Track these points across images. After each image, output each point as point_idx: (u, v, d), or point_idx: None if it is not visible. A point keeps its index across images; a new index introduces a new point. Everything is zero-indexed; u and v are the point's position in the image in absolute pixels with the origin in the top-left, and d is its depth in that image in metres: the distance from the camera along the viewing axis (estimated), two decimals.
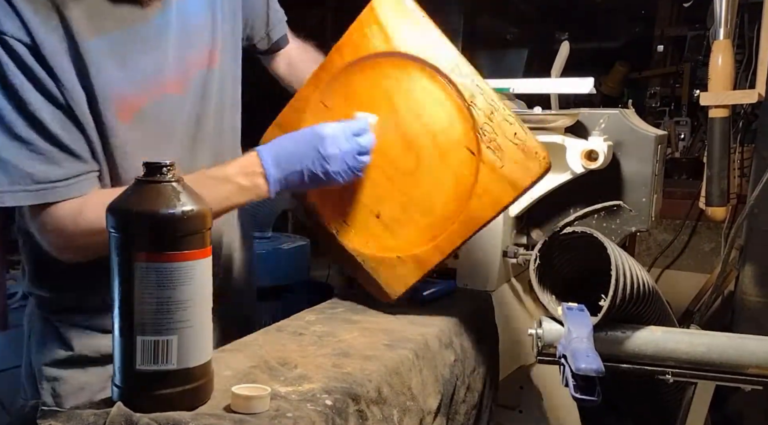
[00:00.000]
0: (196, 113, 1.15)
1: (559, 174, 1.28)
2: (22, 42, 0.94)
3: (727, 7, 1.50)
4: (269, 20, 1.33)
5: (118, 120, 1.03)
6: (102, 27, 1.00)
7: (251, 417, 0.75)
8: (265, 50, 1.36)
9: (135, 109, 1.06)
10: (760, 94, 1.52)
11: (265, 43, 1.35)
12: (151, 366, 0.73)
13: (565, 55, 1.49)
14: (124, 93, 1.04)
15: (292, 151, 1.07)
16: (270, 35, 1.34)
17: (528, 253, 1.30)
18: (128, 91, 1.04)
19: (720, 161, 1.51)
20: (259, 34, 1.33)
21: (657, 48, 4.09)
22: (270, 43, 1.35)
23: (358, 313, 1.18)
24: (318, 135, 1.07)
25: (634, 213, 1.31)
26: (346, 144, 1.08)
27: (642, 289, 1.09)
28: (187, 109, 1.13)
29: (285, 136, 1.10)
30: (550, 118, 1.28)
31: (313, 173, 1.06)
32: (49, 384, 1.15)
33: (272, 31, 1.34)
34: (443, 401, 1.06)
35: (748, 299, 1.92)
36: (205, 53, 1.15)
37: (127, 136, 1.05)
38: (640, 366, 1.10)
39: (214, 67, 1.17)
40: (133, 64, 1.04)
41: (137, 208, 0.73)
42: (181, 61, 1.11)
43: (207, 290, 0.76)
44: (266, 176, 1.05)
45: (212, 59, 1.17)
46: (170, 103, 1.10)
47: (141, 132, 1.07)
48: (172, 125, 1.11)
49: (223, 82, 1.20)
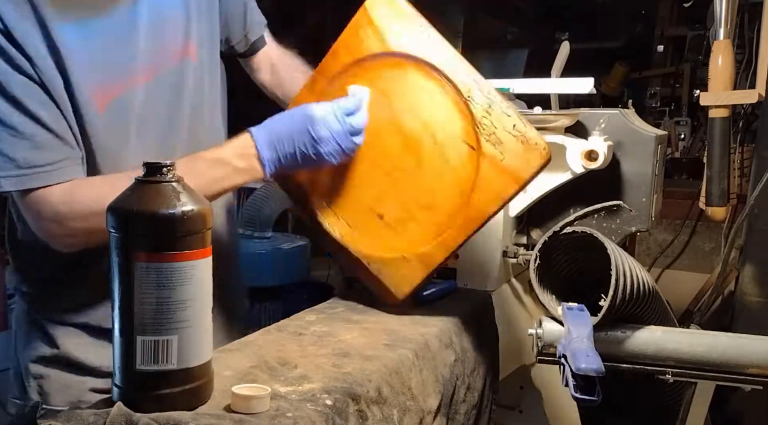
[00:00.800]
0: (169, 105, 1.15)
1: (559, 174, 1.28)
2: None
3: (727, 7, 1.50)
4: (246, 22, 1.33)
5: (94, 109, 1.04)
6: (73, 14, 1.01)
7: (251, 417, 0.75)
8: (243, 52, 1.36)
9: (109, 98, 1.06)
10: (760, 94, 1.52)
11: (242, 44, 1.34)
12: (151, 366, 0.73)
13: (565, 55, 1.49)
14: (97, 81, 1.04)
15: (284, 132, 1.07)
16: (248, 36, 1.34)
17: (528, 253, 1.30)
18: (102, 80, 1.05)
19: (720, 161, 1.51)
20: (236, 36, 1.32)
21: (657, 48, 4.09)
22: (248, 45, 1.35)
23: (358, 313, 1.18)
24: (308, 116, 1.07)
25: (634, 213, 1.31)
26: (337, 124, 1.07)
27: (642, 289, 1.09)
28: (161, 100, 1.13)
29: (277, 117, 1.09)
30: (550, 118, 1.28)
31: (305, 154, 1.06)
32: (35, 382, 1.15)
33: (249, 32, 1.34)
34: (443, 401, 1.06)
35: (748, 299, 1.93)
36: (180, 45, 1.15)
37: (102, 126, 1.05)
38: (640, 366, 1.10)
39: (189, 61, 1.17)
40: (106, 52, 1.05)
41: (137, 208, 0.73)
42: (153, 53, 1.11)
43: (207, 290, 0.76)
44: (260, 158, 1.05)
45: (187, 52, 1.17)
46: (143, 93, 1.10)
47: (115, 122, 1.07)
48: (145, 116, 1.11)
49: (200, 77, 1.20)
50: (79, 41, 1.01)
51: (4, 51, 0.96)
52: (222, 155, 1.05)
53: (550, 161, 1.06)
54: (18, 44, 0.96)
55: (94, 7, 1.04)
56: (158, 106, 1.13)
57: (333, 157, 1.07)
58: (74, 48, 1.01)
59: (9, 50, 0.96)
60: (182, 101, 1.17)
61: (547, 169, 1.30)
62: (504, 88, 1.44)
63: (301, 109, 1.09)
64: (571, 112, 1.33)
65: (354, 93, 1.12)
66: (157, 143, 1.13)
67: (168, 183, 0.75)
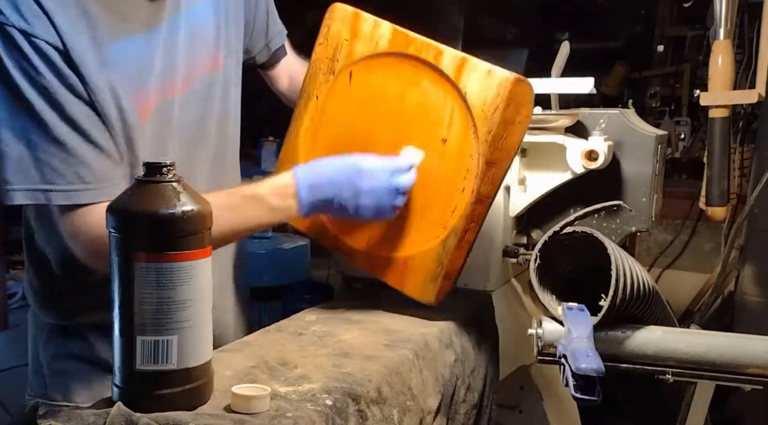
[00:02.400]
0: (200, 116, 1.15)
1: (559, 174, 1.28)
2: (52, 45, 0.94)
3: (727, 7, 1.50)
4: (269, 31, 1.33)
5: (138, 121, 1.04)
6: (124, 29, 1.01)
7: (251, 417, 0.75)
8: (264, 62, 1.36)
9: (150, 110, 1.06)
10: (760, 94, 1.52)
11: (264, 54, 1.35)
12: (151, 366, 0.73)
13: (565, 55, 1.49)
14: (142, 94, 1.04)
15: (327, 177, 1.06)
16: (269, 46, 1.34)
17: (528, 253, 1.29)
18: (146, 93, 1.05)
19: (720, 161, 1.51)
20: (258, 45, 1.33)
21: (657, 48, 4.08)
22: (269, 54, 1.35)
23: (358, 313, 1.18)
24: (356, 167, 1.06)
25: (634, 213, 1.31)
26: (383, 181, 1.06)
27: (642, 289, 1.09)
28: (192, 111, 1.14)
29: (324, 161, 1.09)
30: (550, 118, 1.28)
31: (342, 205, 1.06)
32: (57, 379, 1.14)
33: (272, 41, 1.34)
34: (443, 401, 1.06)
35: (748, 299, 1.93)
36: (210, 57, 1.16)
37: (144, 137, 1.06)
38: (640, 366, 1.10)
39: (218, 71, 1.18)
40: (150, 65, 1.05)
41: (137, 208, 0.73)
42: (189, 65, 1.11)
43: (207, 290, 0.76)
44: (298, 198, 1.04)
45: (217, 64, 1.17)
46: (177, 104, 1.11)
47: (155, 133, 1.08)
48: (177, 127, 1.12)
49: (227, 87, 1.20)
50: (126, 55, 1.01)
51: (60, 72, 0.95)
52: (260, 192, 1.04)
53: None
54: (74, 63, 0.96)
55: (142, 22, 1.03)
56: (191, 117, 1.13)
57: (369, 212, 1.07)
58: (122, 62, 1.01)
59: (65, 71, 0.96)
60: (212, 112, 1.17)
61: (547, 169, 1.31)
62: None
63: (351, 159, 1.08)
64: (571, 112, 1.33)
65: (407, 154, 1.11)
66: (188, 154, 1.14)
67: (168, 183, 0.75)
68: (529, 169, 1.33)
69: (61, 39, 0.95)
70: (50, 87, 0.95)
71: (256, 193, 1.04)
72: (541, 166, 1.31)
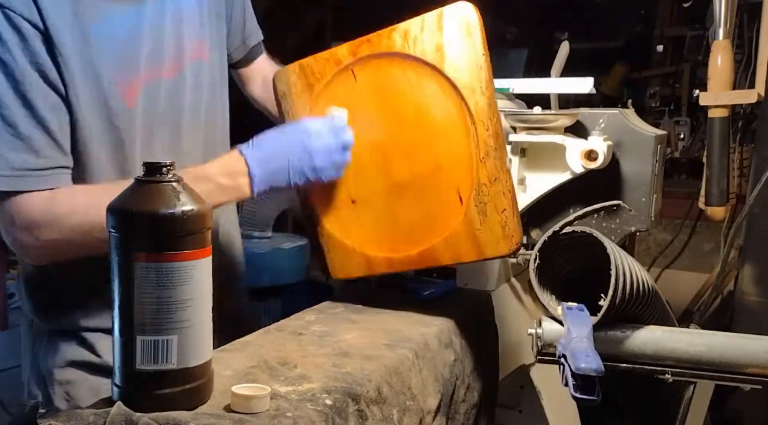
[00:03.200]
0: (189, 101, 1.15)
1: (559, 174, 1.28)
2: (30, 22, 0.94)
3: (726, 7, 1.50)
4: (245, 27, 1.33)
5: (124, 103, 1.03)
6: (109, 6, 1.01)
7: (251, 416, 0.75)
8: (239, 59, 1.36)
9: (137, 92, 1.06)
10: (759, 94, 1.52)
11: (241, 51, 1.34)
12: (151, 365, 0.73)
13: (565, 55, 1.49)
14: (129, 74, 1.04)
15: (277, 147, 1.06)
16: (246, 43, 1.34)
17: (528, 253, 1.29)
18: (131, 73, 1.04)
19: (719, 161, 1.51)
20: (235, 42, 1.32)
21: (657, 48, 4.08)
22: (246, 51, 1.35)
23: (358, 313, 1.18)
24: (304, 130, 1.07)
25: (633, 213, 1.31)
26: (331, 139, 1.07)
27: (642, 289, 1.09)
28: (182, 96, 1.13)
29: (268, 133, 1.09)
30: (550, 118, 1.28)
31: (299, 169, 1.06)
32: (61, 388, 1.12)
33: (248, 38, 1.34)
34: (443, 400, 1.06)
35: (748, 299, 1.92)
36: (197, 42, 1.16)
37: (131, 119, 1.05)
38: (639, 365, 1.10)
39: (204, 59, 1.18)
40: (137, 43, 1.05)
41: (137, 208, 0.73)
42: (177, 47, 1.11)
43: (207, 290, 0.76)
44: (250, 175, 1.04)
45: (203, 52, 1.17)
46: (166, 87, 1.10)
47: (140, 117, 1.07)
48: (165, 113, 1.11)
49: (214, 76, 1.20)
50: (111, 36, 1.01)
51: (35, 52, 0.94)
52: (206, 172, 1.03)
53: (515, 253, 1.11)
54: (53, 45, 0.95)
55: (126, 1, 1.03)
56: (179, 103, 1.13)
57: (325, 172, 1.07)
58: (104, 41, 1.00)
59: (40, 52, 0.95)
60: (200, 101, 1.17)
61: (546, 168, 1.31)
62: (504, 88, 1.44)
63: (295, 125, 1.09)
64: (570, 111, 1.33)
65: (337, 113, 1.12)
66: (176, 142, 1.13)
67: (168, 183, 0.75)
68: (529, 169, 1.33)
69: (42, 17, 0.94)
70: (14, 65, 0.94)
71: (205, 173, 1.03)
72: (540, 165, 1.31)
